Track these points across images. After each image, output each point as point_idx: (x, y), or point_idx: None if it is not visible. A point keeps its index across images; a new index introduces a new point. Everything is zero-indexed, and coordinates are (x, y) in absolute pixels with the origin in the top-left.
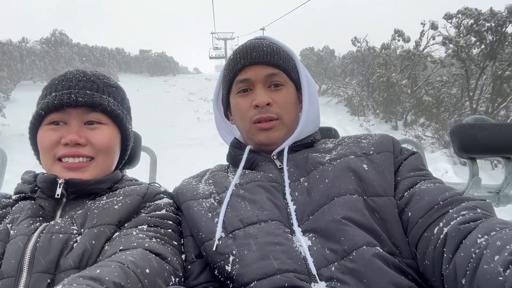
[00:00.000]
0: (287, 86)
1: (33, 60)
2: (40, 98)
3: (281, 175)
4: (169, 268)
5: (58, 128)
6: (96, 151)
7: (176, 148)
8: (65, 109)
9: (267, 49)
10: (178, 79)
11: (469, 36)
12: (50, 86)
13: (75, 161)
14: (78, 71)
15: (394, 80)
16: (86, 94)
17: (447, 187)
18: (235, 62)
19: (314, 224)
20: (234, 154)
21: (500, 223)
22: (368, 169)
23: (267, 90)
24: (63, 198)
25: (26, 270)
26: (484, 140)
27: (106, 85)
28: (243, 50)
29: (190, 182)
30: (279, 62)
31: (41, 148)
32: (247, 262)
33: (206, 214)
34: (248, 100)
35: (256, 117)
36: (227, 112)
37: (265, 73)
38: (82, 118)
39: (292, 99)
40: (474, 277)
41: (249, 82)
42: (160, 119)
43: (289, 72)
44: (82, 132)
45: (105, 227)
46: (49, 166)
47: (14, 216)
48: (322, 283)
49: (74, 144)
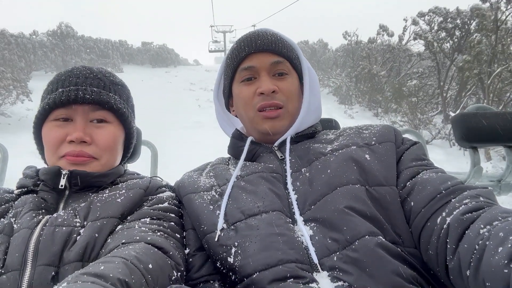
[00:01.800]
0: (291, 75)
1: (44, 52)
2: (45, 92)
3: (282, 166)
4: (171, 262)
5: (64, 125)
6: (101, 151)
7: (181, 130)
8: (72, 106)
9: (271, 38)
10: (179, 71)
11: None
12: (56, 81)
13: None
14: (85, 68)
15: (375, 72)
16: (93, 92)
17: (449, 176)
18: (239, 50)
19: (316, 213)
20: (236, 146)
21: (502, 212)
22: (370, 159)
23: (271, 79)
24: (66, 190)
25: (30, 263)
26: (486, 129)
27: (112, 82)
28: (248, 39)
29: (191, 175)
30: (284, 51)
31: (46, 144)
32: (249, 253)
33: (207, 207)
34: (252, 88)
35: (260, 104)
36: (229, 103)
37: (270, 61)
38: (88, 115)
39: (296, 89)
40: (478, 269)
41: (253, 70)
42: (165, 106)
43: (293, 61)
44: (88, 129)
45: (108, 220)
46: (53, 162)
47: (17, 210)
48: (324, 273)
49: (79, 142)
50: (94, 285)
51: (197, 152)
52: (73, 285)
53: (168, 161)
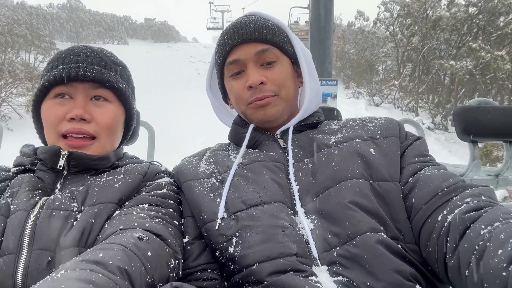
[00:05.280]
0: (281, 61)
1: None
2: (45, 70)
3: (284, 155)
4: (169, 250)
5: (64, 102)
6: (100, 129)
7: (183, 90)
8: (72, 83)
9: (254, 25)
10: (179, 46)
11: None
12: (57, 59)
13: (79, 136)
14: (85, 46)
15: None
16: (94, 69)
17: (451, 174)
18: (223, 44)
19: (319, 206)
20: (237, 132)
21: (504, 212)
22: (375, 154)
23: (259, 69)
24: (64, 171)
25: (26, 247)
26: (487, 124)
27: (113, 62)
28: (230, 30)
29: (190, 161)
30: (269, 37)
31: (45, 122)
32: (249, 244)
33: (208, 195)
34: (241, 82)
35: (251, 99)
36: (226, 97)
37: (255, 50)
38: (88, 93)
39: (288, 74)
40: (477, 270)
41: (240, 63)
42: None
43: (281, 46)
44: (88, 107)
45: (105, 205)
46: (53, 142)
47: (13, 189)
48: (324, 267)
49: (79, 119)
50: (93, 272)
51: (197, 106)
52: (71, 273)
53: (175, 111)
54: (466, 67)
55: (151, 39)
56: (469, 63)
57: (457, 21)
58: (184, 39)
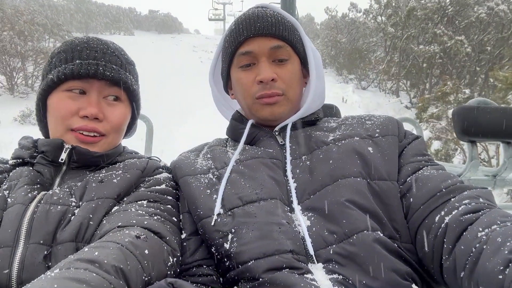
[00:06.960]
0: (292, 60)
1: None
2: (57, 60)
3: (282, 152)
4: (168, 248)
5: (77, 98)
6: (110, 128)
7: (187, 75)
8: (89, 80)
9: (271, 20)
10: (182, 37)
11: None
12: (71, 50)
13: (90, 135)
14: (100, 41)
15: (338, 39)
16: (113, 69)
17: (449, 175)
18: (237, 34)
19: (315, 203)
20: (235, 128)
21: (501, 215)
22: (373, 152)
23: (271, 65)
24: (63, 166)
25: (23, 240)
26: (486, 124)
27: (127, 61)
28: (246, 20)
29: (188, 156)
30: (285, 34)
31: (54, 114)
32: (245, 240)
33: (204, 191)
34: (251, 74)
35: (259, 93)
36: (227, 85)
37: (270, 45)
38: (103, 91)
39: (297, 74)
40: (473, 272)
41: (252, 55)
42: (175, 61)
43: (294, 45)
44: (101, 106)
45: (103, 201)
46: (60, 134)
47: (11, 182)
48: (319, 265)
49: (93, 118)
50: (87, 271)
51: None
52: (65, 272)
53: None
54: (434, 51)
55: (155, 30)
56: (436, 48)
57: (429, 11)
58: (186, 31)
